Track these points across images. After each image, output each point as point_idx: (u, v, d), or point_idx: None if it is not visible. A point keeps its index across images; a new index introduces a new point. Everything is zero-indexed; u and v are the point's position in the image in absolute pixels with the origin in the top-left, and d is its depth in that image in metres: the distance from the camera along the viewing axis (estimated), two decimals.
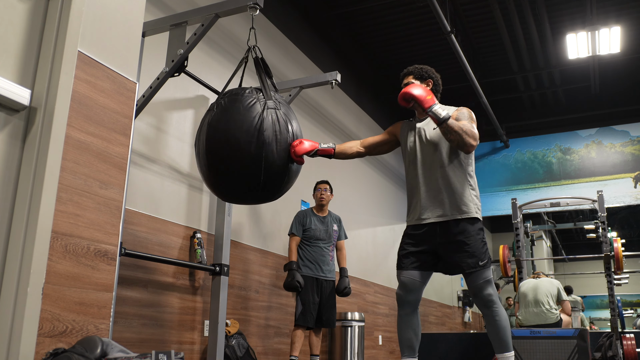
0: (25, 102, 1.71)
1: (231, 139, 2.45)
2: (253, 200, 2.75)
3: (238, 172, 2.48)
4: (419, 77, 2.89)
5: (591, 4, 6.04)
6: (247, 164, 2.45)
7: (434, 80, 2.91)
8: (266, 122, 2.46)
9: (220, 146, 2.48)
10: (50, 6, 1.82)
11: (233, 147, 2.44)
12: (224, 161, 2.48)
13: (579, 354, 4.32)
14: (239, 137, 2.44)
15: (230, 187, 2.58)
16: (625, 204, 7.62)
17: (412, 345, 2.71)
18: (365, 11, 6.41)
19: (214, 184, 2.61)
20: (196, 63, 3.94)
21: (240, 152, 2.43)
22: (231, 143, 2.45)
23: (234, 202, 2.84)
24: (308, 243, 4.34)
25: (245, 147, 2.43)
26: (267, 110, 2.49)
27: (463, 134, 2.54)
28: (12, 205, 1.67)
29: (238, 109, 2.50)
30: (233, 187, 2.57)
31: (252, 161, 2.44)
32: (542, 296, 5.38)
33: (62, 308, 1.75)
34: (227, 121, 2.49)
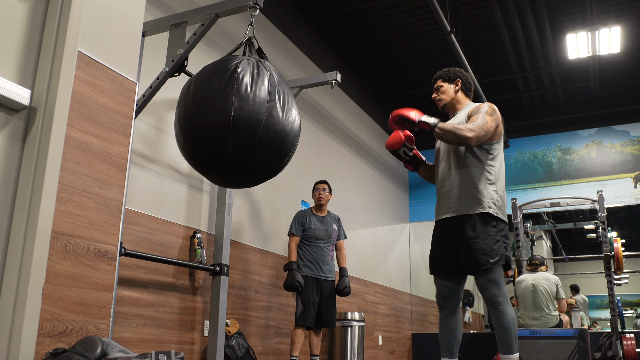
0: (25, 102, 1.71)
1: (203, 80, 2.23)
2: (228, 162, 2.24)
3: (209, 115, 2.16)
4: (447, 79, 2.98)
5: (591, 4, 6.04)
6: (216, 105, 2.15)
7: (462, 80, 2.96)
8: (242, 65, 2.22)
9: (195, 92, 2.23)
10: (50, 6, 1.82)
11: (205, 87, 2.21)
12: (197, 104, 2.20)
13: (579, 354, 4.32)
14: (210, 77, 2.21)
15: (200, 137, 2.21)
16: (625, 204, 7.62)
17: (449, 346, 2.74)
18: (365, 11, 6.41)
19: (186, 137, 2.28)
20: (196, 63, 3.94)
21: (211, 91, 2.18)
22: (203, 82, 2.22)
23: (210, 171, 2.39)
24: (308, 243, 4.34)
25: (214, 80, 2.18)
26: (250, 60, 2.28)
27: (456, 131, 2.58)
28: (12, 205, 1.67)
29: (216, 61, 2.34)
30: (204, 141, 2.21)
31: (224, 100, 2.14)
32: (541, 299, 5.35)
33: (62, 308, 1.75)
34: (204, 71, 2.30)
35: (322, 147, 5.97)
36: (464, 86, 2.96)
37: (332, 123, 6.27)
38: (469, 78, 2.99)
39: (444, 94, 2.97)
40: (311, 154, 5.68)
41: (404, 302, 7.92)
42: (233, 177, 2.39)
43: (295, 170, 5.27)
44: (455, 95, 2.94)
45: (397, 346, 7.38)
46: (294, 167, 5.23)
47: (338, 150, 6.37)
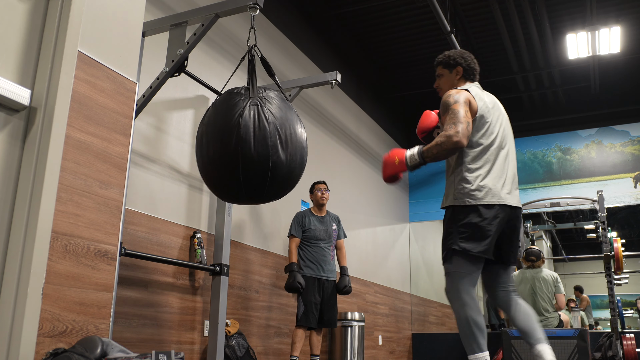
0: (25, 102, 1.71)
1: (214, 136, 2.50)
2: (245, 199, 2.66)
3: (222, 169, 2.50)
4: (446, 65, 2.72)
5: (591, 4, 6.04)
6: (226, 161, 2.46)
7: (463, 66, 2.69)
8: (244, 119, 2.43)
9: (208, 145, 2.52)
10: (50, 6, 1.82)
11: (216, 145, 2.48)
12: (210, 160, 2.52)
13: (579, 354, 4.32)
14: (220, 135, 2.47)
15: (219, 185, 2.60)
16: (625, 204, 7.62)
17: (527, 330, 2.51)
18: (365, 11, 6.41)
19: (208, 182, 2.67)
20: (196, 63, 3.94)
21: (221, 149, 2.46)
22: (214, 140, 2.49)
23: (231, 201, 2.82)
24: (308, 243, 4.34)
25: (226, 144, 2.44)
26: (250, 107, 2.47)
27: (442, 145, 2.39)
28: (12, 205, 1.67)
29: (223, 106, 2.53)
30: (221, 185, 2.59)
31: (230, 158, 2.43)
32: (540, 303, 5.33)
33: (62, 308, 1.75)
34: (214, 120, 2.53)
35: (322, 147, 5.97)
36: (466, 73, 2.69)
37: (332, 123, 6.27)
38: (471, 62, 2.72)
39: (444, 83, 2.73)
40: (311, 154, 5.67)
41: (404, 302, 7.92)
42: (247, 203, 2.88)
43: None
44: (456, 84, 2.67)
45: (397, 346, 7.38)
46: None
47: (338, 150, 6.37)
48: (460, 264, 2.43)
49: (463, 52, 2.76)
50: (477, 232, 2.40)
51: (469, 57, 2.74)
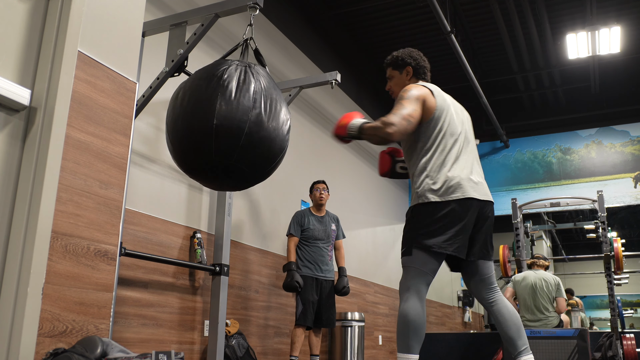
0: (25, 102, 1.71)
1: (192, 85, 2.26)
2: (213, 165, 2.26)
3: (194, 120, 2.20)
4: (396, 66, 2.66)
5: (591, 4, 6.04)
6: (201, 108, 2.18)
7: (413, 66, 2.62)
8: (229, 71, 2.24)
9: (183, 97, 2.26)
10: (50, 6, 1.82)
11: (192, 94, 2.23)
12: (183, 111, 2.23)
13: (579, 354, 4.32)
14: (198, 82, 2.25)
15: (186, 143, 2.25)
16: (625, 204, 7.62)
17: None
18: (365, 11, 6.41)
19: (175, 140, 2.31)
20: (196, 63, 3.94)
21: (197, 96, 2.21)
22: (191, 90, 2.25)
23: (195, 173, 2.41)
24: (307, 243, 4.34)
25: (203, 89, 2.20)
26: (238, 66, 2.28)
27: (376, 131, 2.30)
28: (12, 205, 1.67)
29: (209, 65, 2.35)
30: (189, 143, 2.24)
31: (207, 104, 2.16)
32: (541, 302, 5.33)
33: (62, 308, 1.75)
34: (195, 74, 2.32)
35: (322, 147, 5.97)
36: (416, 72, 2.61)
37: (332, 123, 6.28)
38: (420, 60, 2.64)
39: (395, 85, 2.64)
40: (311, 154, 5.68)
41: None
42: (221, 182, 2.43)
43: (295, 170, 5.27)
44: (407, 85, 2.52)
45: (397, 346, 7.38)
46: (293, 167, 5.23)
47: (338, 150, 6.37)
48: (410, 259, 2.32)
49: (411, 51, 2.69)
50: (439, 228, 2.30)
51: (418, 56, 2.67)
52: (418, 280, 2.30)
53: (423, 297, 2.31)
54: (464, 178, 2.36)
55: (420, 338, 2.27)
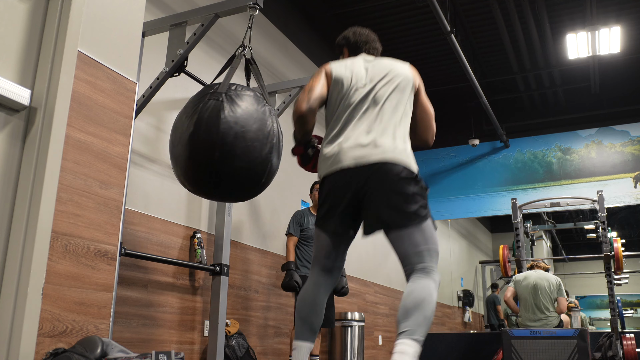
0: (25, 102, 1.71)
1: (248, 137, 2.48)
2: (246, 195, 2.82)
3: (246, 169, 2.52)
4: (339, 53, 2.54)
5: (591, 4, 6.04)
6: (256, 164, 2.52)
7: (347, 46, 2.48)
8: (274, 129, 2.59)
9: (237, 142, 2.46)
10: (50, 6, 1.82)
11: (248, 145, 2.48)
12: (237, 156, 2.47)
13: (579, 354, 4.32)
14: (255, 137, 2.50)
15: (234, 181, 2.56)
16: (625, 204, 7.62)
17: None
18: (365, 11, 6.41)
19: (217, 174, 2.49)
20: (196, 63, 3.94)
21: (254, 152, 2.49)
22: (247, 140, 2.48)
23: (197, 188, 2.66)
24: (306, 243, 4.34)
25: (259, 148, 2.51)
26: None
27: (293, 118, 2.30)
28: (12, 205, 1.67)
29: (252, 109, 2.54)
30: (237, 182, 2.58)
31: (261, 163, 2.53)
32: (541, 302, 5.33)
33: (62, 308, 1.75)
34: (245, 119, 2.49)
35: None
36: (352, 50, 2.45)
37: None
38: (351, 37, 2.47)
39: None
40: None
41: None
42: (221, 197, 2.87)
43: (295, 170, 5.26)
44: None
45: None
46: (293, 167, 5.22)
47: None
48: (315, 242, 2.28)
49: (346, 31, 2.52)
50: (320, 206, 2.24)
51: (351, 34, 2.49)
52: (314, 261, 2.26)
53: (319, 282, 2.22)
54: (336, 148, 2.21)
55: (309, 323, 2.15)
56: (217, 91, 2.50)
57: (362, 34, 2.51)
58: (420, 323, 1.87)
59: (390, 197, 2.05)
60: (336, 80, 2.28)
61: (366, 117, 2.20)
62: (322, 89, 2.28)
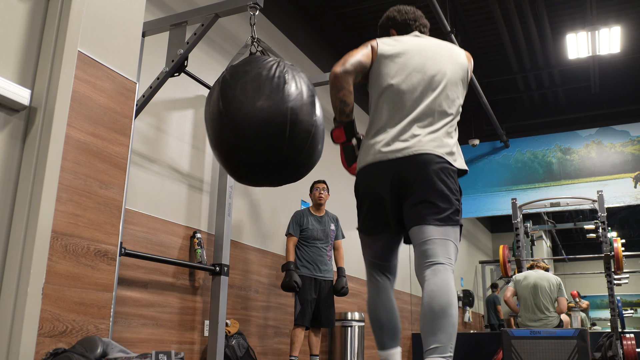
0: (25, 102, 1.71)
1: (254, 81, 2.24)
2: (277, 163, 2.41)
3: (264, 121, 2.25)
4: (382, 32, 2.48)
5: (591, 4, 6.04)
6: (273, 113, 2.29)
7: (395, 27, 2.41)
8: (280, 65, 2.37)
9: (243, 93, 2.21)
10: (50, 6, 1.82)
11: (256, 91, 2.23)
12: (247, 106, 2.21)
13: (579, 354, 4.32)
14: (262, 83, 2.26)
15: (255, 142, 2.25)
16: (625, 204, 7.62)
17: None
18: (365, 11, 6.41)
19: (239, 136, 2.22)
20: (196, 63, 3.94)
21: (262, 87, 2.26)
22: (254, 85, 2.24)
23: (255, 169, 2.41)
24: (306, 243, 4.34)
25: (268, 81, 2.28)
26: (287, 67, 2.41)
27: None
28: (12, 205, 1.67)
29: (258, 61, 2.34)
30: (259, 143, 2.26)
31: (279, 111, 2.33)
32: (541, 302, 5.33)
33: (62, 308, 1.75)
34: (247, 70, 2.28)
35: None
36: (400, 30, 2.36)
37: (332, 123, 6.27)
38: (398, 16, 2.39)
39: None
40: None
41: (404, 302, 7.92)
42: (273, 177, 2.61)
43: None
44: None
45: None
46: None
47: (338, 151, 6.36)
48: (362, 244, 2.16)
49: (389, 12, 2.46)
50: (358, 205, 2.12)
51: (396, 12, 2.41)
52: (367, 267, 2.13)
53: (381, 285, 2.08)
54: (377, 138, 2.09)
55: (387, 330, 2.05)
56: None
57: (409, 11, 2.36)
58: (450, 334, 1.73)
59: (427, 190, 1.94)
60: (384, 57, 2.11)
61: (420, 104, 2.04)
62: (364, 57, 2.11)
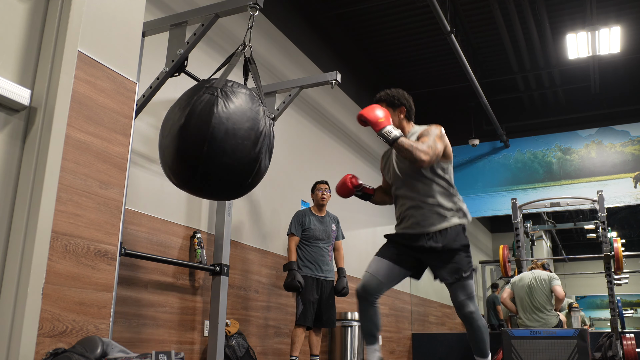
0: (25, 102, 1.71)
1: (239, 135, 2.39)
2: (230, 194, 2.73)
3: (234, 167, 2.41)
4: (390, 104, 2.88)
5: (591, 4, 6.04)
6: (245, 163, 2.41)
7: (406, 107, 2.89)
8: (266, 130, 2.48)
9: (227, 138, 2.37)
10: (50, 6, 1.82)
11: (238, 143, 2.38)
12: (226, 153, 2.37)
13: (579, 354, 4.32)
14: (246, 135, 2.40)
15: (220, 177, 2.44)
16: (625, 204, 7.62)
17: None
18: (365, 11, 6.41)
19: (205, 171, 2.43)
20: (196, 63, 3.94)
21: (243, 150, 2.39)
22: (237, 138, 2.38)
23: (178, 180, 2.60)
24: (307, 243, 4.34)
25: (249, 147, 2.40)
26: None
27: (413, 151, 2.58)
28: (12, 205, 1.67)
29: (247, 107, 2.45)
30: (223, 179, 2.45)
31: (250, 163, 2.42)
32: (539, 300, 5.33)
33: (62, 308, 1.75)
34: (237, 117, 2.41)
35: (322, 147, 5.96)
36: (408, 113, 2.90)
37: (332, 123, 6.27)
38: (412, 103, 2.93)
39: None
40: (311, 154, 5.68)
41: (404, 302, 7.92)
42: (206, 193, 2.68)
43: (295, 170, 5.27)
44: (399, 124, 2.87)
45: (397, 346, 7.38)
46: (293, 167, 5.23)
47: (338, 150, 6.37)
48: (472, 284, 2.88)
49: (404, 93, 2.91)
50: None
51: (410, 98, 2.92)
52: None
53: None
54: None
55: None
56: (212, 86, 2.44)
57: (413, 104, 2.97)
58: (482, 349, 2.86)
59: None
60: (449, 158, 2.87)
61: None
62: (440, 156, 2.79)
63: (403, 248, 2.85)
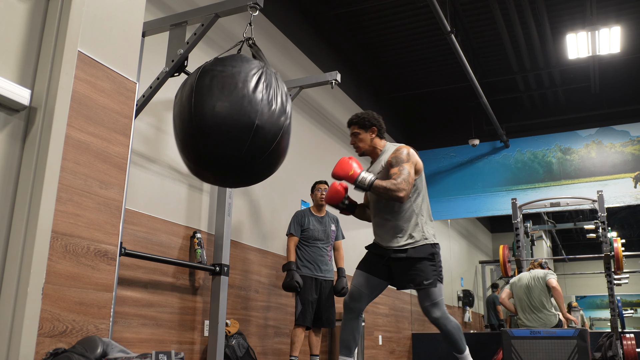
0: (25, 102, 1.71)
1: (227, 81, 2.13)
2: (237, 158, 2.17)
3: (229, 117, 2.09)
4: (362, 126, 3.10)
5: (591, 4, 6.04)
6: (239, 107, 2.09)
7: (377, 126, 3.10)
8: (265, 76, 2.21)
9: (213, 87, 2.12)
10: (50, 6, 1.82)
11: (228, 88, 2.12)
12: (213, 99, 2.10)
13: (579, 354, 4.32)
14: (235, 80, 2.13)
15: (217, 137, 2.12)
16: (625, 204, 7.62)
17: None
18: (365, 11, 6.41)
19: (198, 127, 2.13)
20: (196, 63, 3.93)
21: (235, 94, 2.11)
22: (226, 84, 2.13)
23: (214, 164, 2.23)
24: (306, 243, 4.34)
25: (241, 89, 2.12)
26: (267, 69, 2.25)
27: (388, 192, 2.80)
28: (12, 205, 1.67)
29: (235, 59, 2.24)
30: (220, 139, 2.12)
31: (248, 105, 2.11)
32: (537, 300, 5.34)
33: (62, 308, 1.75)
34: (223, 67, 2.19)
35: (322, 147, 5.96)
36: (379, 132, 3.12)
37: (332, 123, 6.27)
38: (382, 121, 3.14)
39: (361, 142, 3.14)
40: (311, 154, 5.68)
41: (404, 302, 7.92)
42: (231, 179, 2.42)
43: (295, 170, 5.27)
44: (371, 143, 3.12)
45: (397, 346, 7.39)
46: (293, 167, 5.23)
47: (338, 150, 6.37)
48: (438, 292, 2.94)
49: (374, 114, 3.14)
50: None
51: (380, 118, 3.15)
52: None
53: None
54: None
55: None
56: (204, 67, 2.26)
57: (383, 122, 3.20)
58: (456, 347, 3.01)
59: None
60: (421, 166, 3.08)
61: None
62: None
63: (376, 258, 3.05)
